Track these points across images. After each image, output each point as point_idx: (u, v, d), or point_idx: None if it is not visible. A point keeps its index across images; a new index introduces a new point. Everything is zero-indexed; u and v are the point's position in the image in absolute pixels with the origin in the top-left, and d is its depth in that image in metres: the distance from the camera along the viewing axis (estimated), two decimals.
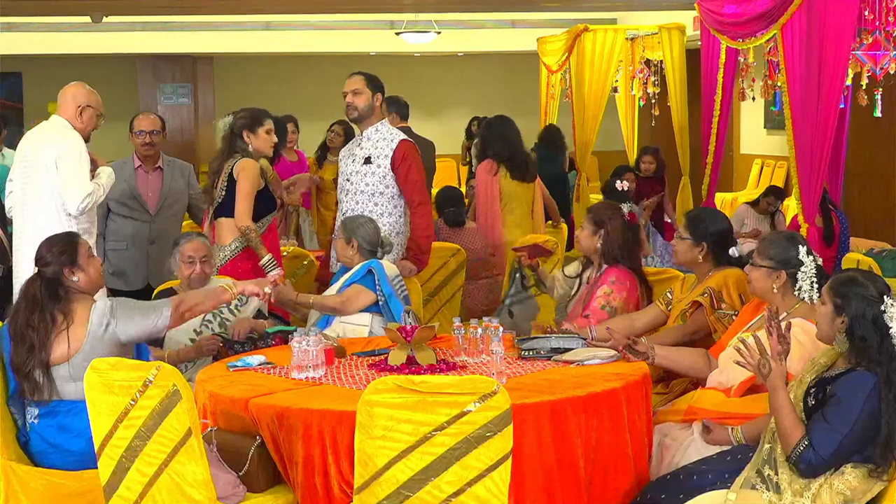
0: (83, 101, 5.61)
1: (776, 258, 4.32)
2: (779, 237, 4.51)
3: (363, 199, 5.97)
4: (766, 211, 9.07)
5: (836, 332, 3.64)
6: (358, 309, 5.28)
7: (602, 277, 5.28)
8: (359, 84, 5.98)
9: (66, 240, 4.31)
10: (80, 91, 5.65)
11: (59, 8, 11.29)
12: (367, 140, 6.02)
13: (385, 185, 5.96)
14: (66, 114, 5.60)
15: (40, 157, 5.48)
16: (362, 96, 5.96)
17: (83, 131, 5.61)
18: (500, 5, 12.64)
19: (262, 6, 11.50)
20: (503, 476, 3.44)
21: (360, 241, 5.44)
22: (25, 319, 4.11)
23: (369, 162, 5.96)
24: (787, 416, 3.58)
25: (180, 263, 5.25)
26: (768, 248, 4.38)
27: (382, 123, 6.06)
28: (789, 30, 6.39)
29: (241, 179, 5.69)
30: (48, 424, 4.13)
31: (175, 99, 15.47)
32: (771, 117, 13.17)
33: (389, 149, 5.94)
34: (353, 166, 6.04)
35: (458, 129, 15.62)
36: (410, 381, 3.48)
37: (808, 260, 4.29)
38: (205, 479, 3.61)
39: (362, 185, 5.98)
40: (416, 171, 5.97)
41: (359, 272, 5.37)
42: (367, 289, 5.30)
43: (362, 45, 14.66)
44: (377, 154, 5.96)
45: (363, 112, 5.98)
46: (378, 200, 5.96)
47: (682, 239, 5.06)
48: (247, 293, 4.62)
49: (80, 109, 5.59)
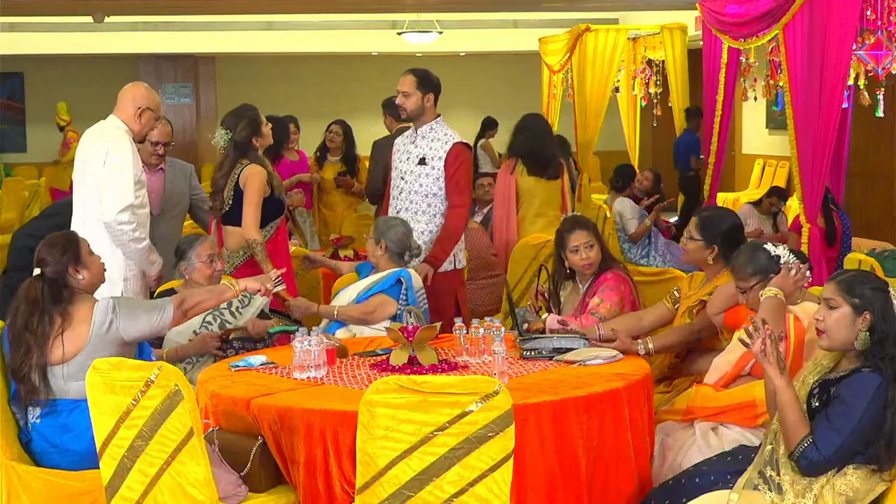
0: (143, 103, 5.52)
1: (759, 271, 4.34)
2: (742, 255, 4.46)
3: (417, 199, 5.93)
4: (769, 211, 9.06)
5: (857, 332, 3.55)
6: (382, 319, 5.25)
7: (593, 288, 5.14)
8: (408, 86, 5.91)
9: (67, 238, 4.29)
10: (139, 92, 5.55)
11: (60, 8, 11.31)
12: (421, 139, 5.97)
13: (439, 186, 5.89)
14: (125, 114, 5.53)
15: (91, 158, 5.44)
16: (412, 98, 5.90)
17: (139, 133, 5.55)
18: (502, 5, 12.65)
19: (263, 6, 11.52)
20: (505, 476, 3.44)
21: (389, 244, 5.42)
22: (24, 322, 4.08)
23: (424, 163, 5.91)
24: (795, 411, 3.56)
25: (199, 265, 5.20)
26: (746, 267, 4.38)
27: (437, 122, 5.98)
28: (791, 30, 6.39)
29: (249, 189, 5.73)
30: (50, 424, 4.13)
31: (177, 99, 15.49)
32: (773, 117, 13.17)
33: (443, 150, 5.89)
34: (408, 165, 5.98)
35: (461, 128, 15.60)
36: (412, 382, 3.48)
37: (779, 250, 4.30)
38: (206, 479, 3.61)
39: (416, 185, 5.93)
40: (462, 173, 5.90)
41: (387, 280, 5.34)
42: (392, 298, 5.28)
43: (364, 45, 14.66)
44: (432, 155, 5.90)
45: (412, 113, 5.94)
46: (431, 202, 5.90)
47: (694, 240, 5.03)
48: (249, 290, 4.61)
49: (140, 112, 5.50)
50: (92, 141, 5.53)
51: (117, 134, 5.44)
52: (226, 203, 5.82)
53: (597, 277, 5.16)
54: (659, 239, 8.95)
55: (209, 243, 5.30)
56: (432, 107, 5.95)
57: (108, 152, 5.40)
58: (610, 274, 5.12)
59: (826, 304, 3.62)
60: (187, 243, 5.30)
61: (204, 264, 5.20)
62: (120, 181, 5.35)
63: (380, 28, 14.30)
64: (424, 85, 5.90)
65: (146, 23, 13.97)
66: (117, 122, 5.50)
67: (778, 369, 3.59)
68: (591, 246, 5.17)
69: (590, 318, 4.91)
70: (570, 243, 5.20)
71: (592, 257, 5.16)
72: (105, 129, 5.53)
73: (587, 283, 5.18)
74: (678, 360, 5.02)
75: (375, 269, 5.49)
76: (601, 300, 5.03)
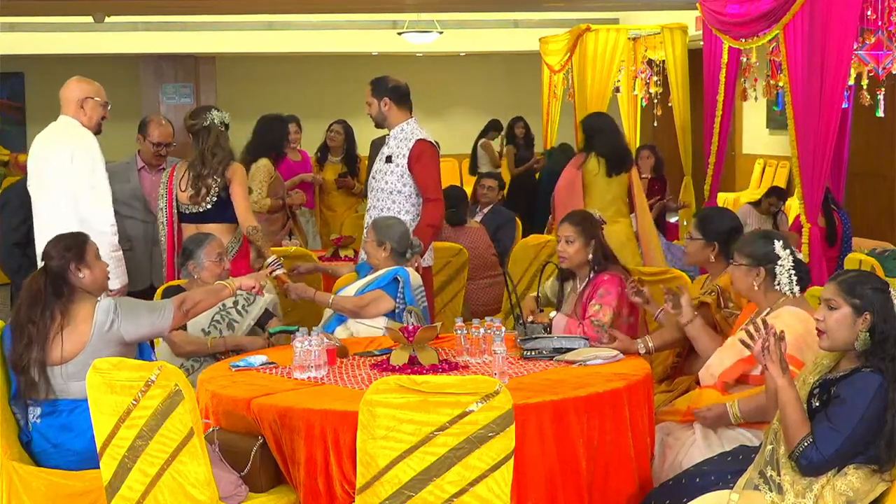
0: (82, 94, 5.58)
1: (753, 255, 4.33)
2: (754, 235, 4.52)
3: (383, 197, 6.06)
4: (769, 211, 9.06)
5: (857, 333, 3.56)
6: (376, 315, 5.26)
7: (590, 290, 5.06)
8: (367, 96, 6.12)
9: (75, 237, 4.33)
10: (76, 85, 5.62)
11: (61, 8, 11.29)
12: (392, 139, 6.12)
13: (402, 183, 6.01)
14: (70, 111, 5.57)
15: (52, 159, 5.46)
16: (372, 106, 6.11)
17: (90, 123, 5.58)
18: (503, 5, 12.63)
19: (264, 6, 11.50)
20: (505, 476, 3.44)
21: (394, 245, 5.42)
22: (27, 314, 4.12)
23: (390, 161, 6.05)
24: (796, 411, 3.55)
25: (209, 264, 5.23)
26: (745, 246, 4.39)
27: (408, 123, 6.10)
28: (791, 29, 6.38)
29: (237, 183, 5.84)
30: (50, 424, 4.14)
31: (177, 99, 15.47)
32: (773, 117, 13.16)
33: (407, 148, 6.00)
34: (378, 164, 6.15)
35: (461, 128, 15.63)
36: (412, 381, 3.48)
37: (784, 254, 4.28)
38: (207, 479, 3.61)
39: (382, 182, 6.07)
40: (430, 168, 6.01)
41: (384, 278, 5.34)
42: (389, 296, 5.29)
43: (364, 45, 14.65)
44: (397, 153, 6.03)
45: (377, 119, 6.14)
46: (396, 199, 6.01)
47: (694, 239, 5.05)
48: (244, 287, 4.64)
49: (81, 102, 5.57)
50: (52, 143, 5.55)
51: (77, 132, 5.48)
52: (210, 200, 5.89)
53: (594, 278, 5.12)
54: (660, 239, 8.93)
55: (217, 242, 5.32)
56: (393, 109, 6.08)
57: (73, 153, 5.43)
58: (606, 276, 5.04)
59: (826, 304, 3.62)
60: (195, 243, 5.31)
61: (213, 263, 5.23)
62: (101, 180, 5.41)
63: (380, 28, 14.28)
64: (378, 91, 6.09)
65: (146, 23, 13.95)
66: (70, 121, 5.54)
67: (780, 369, 3.59)
68: (570, 241, 5.10)
69: (591, 326, 4.88)
70: (559, 234, 5.21)
71: (570, 253, 5.09)
72: (62, 129, 5.55)
73: (584, 282, 5.16)
74: (679, 359, 5.03)
75: (373, 270, 5.49)
76: (600, 306, 4.94)
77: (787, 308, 4.19)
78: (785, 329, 3.74)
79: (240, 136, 6.47)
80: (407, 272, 5.35)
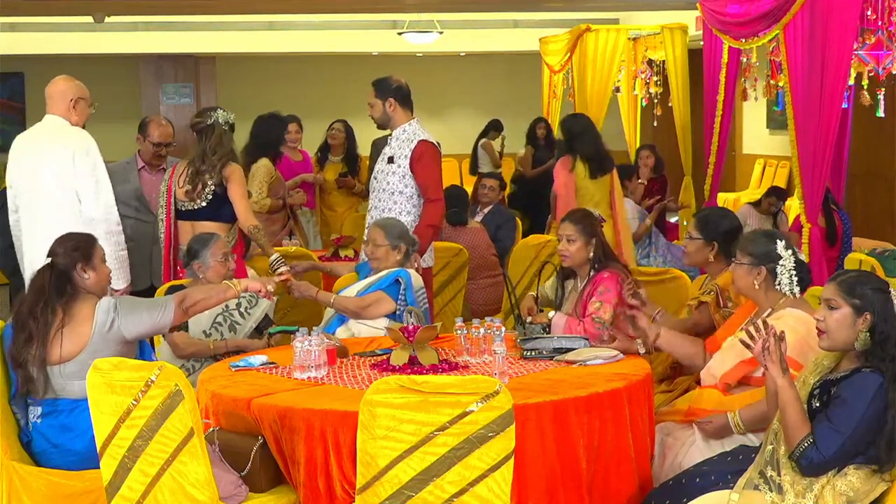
0: (74, 94, 5.59)
1: (755, 254, 4.32)
2: (757, 234, 4.51)
3: (384, 198, 6.07)
4: (769, 211, 9.05)
5: (857, 333, 3.56)
6: (376, 316, 5.26)
7: (591, 288, 5.06)
8: (370, 97, 6.12)
9: (84, 238, 4.34)
10: (67, 85, 5.62)
11: (61, 8, 11.28)
12: (395, 140, 6.12)
13: (404, 184, 6.02)
14: (60, 110, 5.56)
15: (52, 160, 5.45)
16: (375, 108, 6.11)
17: (78, 124, 5.59)
18: (503, 5, 12.62)
19: (264, 6, 11.50)
20: (505, 476, 3.44)
21: (408, 247, 5.43)
22: (29, 309, 4.13)
23: (392, 161, 6.06)
24: (796, 411, 3.55)
25: (214, 263, 5.22)
26: (747, 245, 4.38)
27: (410, 124, 6.12)
28: (792, 29, 6.38)
29: (235, 183, 5.83)
30: (50, 424, 4.14)
31: (177, 99, 15.46)
32: (773, 117, 13.16)
33: (409, 149, 6.01)
34: (380, 165, 6.16)
35: (460, 128, 15.61)
36: (413, 381, 3.48)
37: (786, 254, 4.28)
38: (207, 479, 3.61)
39: (384, 183, 6.08)
40: (430, 169, 6.02)
41: (386, 279, 5.34)
42: (390, 297, 5.29)
43: (364, 45, 14.65)
44: (399, 154, 6.05)
45: (380, 121, 6.15)
46: (398, 199, 6.03)
47: (693, 239, 5.05)
48: (250, 290, 4.61)
49: (74, 102, 5.57)
50: (48, 143, 5.54)
51: (73, 131, 5.48)
52: (205, 198, 5.89)
53: (594, 276, 5.12)
54: (660, 239, 8.93)
55: (223, 242, 5.33)
56: (398, 110, 6.08)
57: (74, 153, 5.43)
58: (606, 273, 5.05)
59: (826, 304, 3.62)
60: (201, 242, 5.30)
61: (219, 263, 5.23)
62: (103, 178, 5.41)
63: (380, 28, 14.28)
64: (382, 92, 6.09)
65: (146, 23, 13.95)
66: (60, 120, 5.53)
67: (780, 369, 3.59)
68: (571, 240, 5.11)
69: (591, 323, 4.88)
70: (559, 232, 5.22)
71: (571, 252, 5.10)
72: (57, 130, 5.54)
73: (584, 280, 5.16)
74: None
75: (374, 271, 5.48)
76: (600, 304, 4.96)
77: (789, 310, 4.19)
78: (787, 331, 3.74)
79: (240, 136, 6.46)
80: (409, 274, 5.35)
